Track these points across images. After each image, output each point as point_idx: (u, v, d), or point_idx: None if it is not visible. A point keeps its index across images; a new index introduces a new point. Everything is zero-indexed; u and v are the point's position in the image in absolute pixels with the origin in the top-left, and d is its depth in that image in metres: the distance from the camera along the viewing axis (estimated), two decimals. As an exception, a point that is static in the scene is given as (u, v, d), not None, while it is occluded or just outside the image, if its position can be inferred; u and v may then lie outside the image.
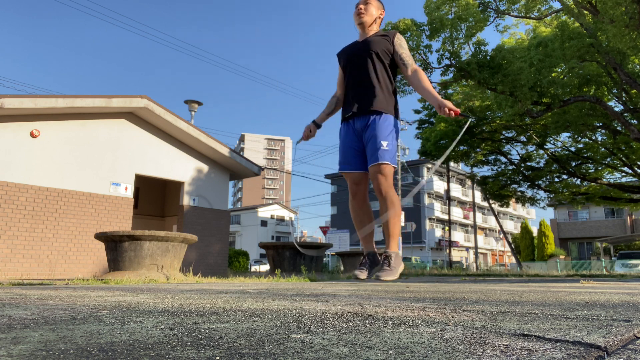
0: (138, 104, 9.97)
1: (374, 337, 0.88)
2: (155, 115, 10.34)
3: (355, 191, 3.36)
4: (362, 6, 3.43)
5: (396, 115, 3.31)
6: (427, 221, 49.66)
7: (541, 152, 18.71)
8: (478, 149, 18.63)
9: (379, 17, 3.49)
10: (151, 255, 5.77)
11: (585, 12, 10.84)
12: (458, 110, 2.79)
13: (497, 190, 19.67)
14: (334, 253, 17.36)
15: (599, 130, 15.81)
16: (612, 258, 27.43)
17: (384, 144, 3.15)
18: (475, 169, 22.75)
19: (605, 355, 0.77)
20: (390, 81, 3.35)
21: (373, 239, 3.46)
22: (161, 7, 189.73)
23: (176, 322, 1.08)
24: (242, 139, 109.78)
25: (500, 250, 56.39)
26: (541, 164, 19.01)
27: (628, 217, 37.31)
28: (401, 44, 3.36)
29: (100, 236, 5.93)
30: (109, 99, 9.54)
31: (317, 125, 3.43)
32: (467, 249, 52.79)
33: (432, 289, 2.54)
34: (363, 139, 3.29)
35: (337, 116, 3.69)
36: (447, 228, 49.30)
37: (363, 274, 3.19)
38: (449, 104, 2.83)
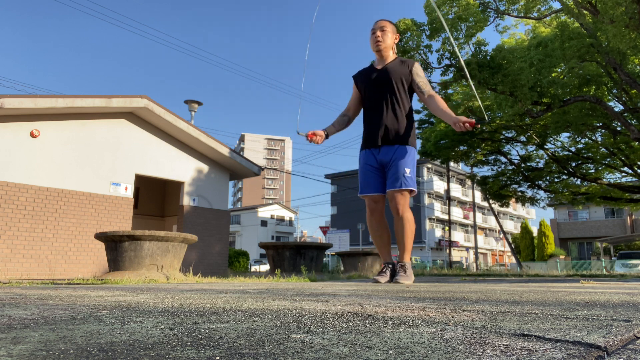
0: (138, 104, 9.97)
1: (374, 337, 0.88)
2: (155, 115, 10.34)
3: (374, 208, 3.55)
4: (379, 33, 3.55)
5: (414, 143, 3.51)
6: (427, 221, 49.66)
7: (541, 152, 18.71)
8: (478, 149, 18.63)
9: (395, 42, 3.64)
10: (151, 255, 5.77)
11: (585, 12, 10.84)
12: (473, 121, 2.92)
13: (497, 190, 19.68)
14: (334, 253, 17.36)
15: (599, 130, 15.80)
16: (612, 258, 27.43)
17: (407, 171, 3.36)
18: (475, 169, 22.77)
19: (605, 355, 0.77)
20: (408, 106, 3.53)
21: (390, 251, 3.69)
22: (161, 6, 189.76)
23: (176, 322, 1.09)
24: (242, 139, 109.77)
25: (500, 250, 56.39)
26: (541, 164, 19.01)
27: (628, 217, 37.32)
28: (418, 73, 3.52)
29: (100, 236, 5.93)
30: (109, 99, 9.55)
31: (327, 136, 3.53)
32: (467, 249, 52.80)
33: (432, 289, 2.54)
34: (385, 162, 3.47)
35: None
36: (447, 228, 49.28)
37: (384, 279, 3.44)
38: (462, 118, 2.98)
